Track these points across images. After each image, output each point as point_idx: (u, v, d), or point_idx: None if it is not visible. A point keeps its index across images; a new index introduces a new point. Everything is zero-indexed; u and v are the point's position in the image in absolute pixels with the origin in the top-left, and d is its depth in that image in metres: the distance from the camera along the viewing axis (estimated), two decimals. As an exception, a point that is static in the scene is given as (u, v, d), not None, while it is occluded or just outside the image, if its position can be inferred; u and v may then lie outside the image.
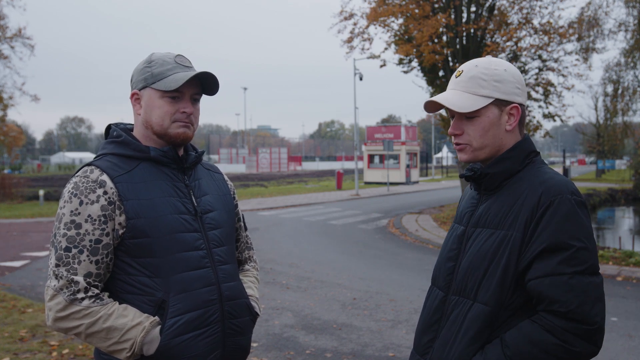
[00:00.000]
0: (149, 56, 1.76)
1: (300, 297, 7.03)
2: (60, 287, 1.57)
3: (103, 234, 1.60)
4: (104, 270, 1.62)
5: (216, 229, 1.77)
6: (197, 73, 1.70)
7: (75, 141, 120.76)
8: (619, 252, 9.96)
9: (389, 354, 4.97)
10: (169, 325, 1.62)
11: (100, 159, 1.70)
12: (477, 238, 1.58)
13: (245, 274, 2.02)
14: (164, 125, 1.71)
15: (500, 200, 1.57)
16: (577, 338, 1.40)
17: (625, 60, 24.67)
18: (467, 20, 15.87)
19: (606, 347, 5.16)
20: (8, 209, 19.26)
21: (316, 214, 16.93)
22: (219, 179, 1.93)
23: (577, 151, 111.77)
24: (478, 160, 1.64)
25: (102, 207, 1.60)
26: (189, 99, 1.74)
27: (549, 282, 1.42)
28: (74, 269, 1.57)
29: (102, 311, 1.58)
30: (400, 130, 33.83)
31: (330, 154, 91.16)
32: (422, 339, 1.66)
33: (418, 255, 10.27)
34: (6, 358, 4.58)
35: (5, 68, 22.91)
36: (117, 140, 1.73)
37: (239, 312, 1.79)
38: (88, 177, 1.63)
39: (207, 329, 1.68)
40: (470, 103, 1.58)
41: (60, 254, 1.58)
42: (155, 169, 1.71)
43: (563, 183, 1.50)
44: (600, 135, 36.56)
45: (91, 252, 1.59)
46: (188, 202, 1.73)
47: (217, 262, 1.75)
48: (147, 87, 1.71)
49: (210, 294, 1.70)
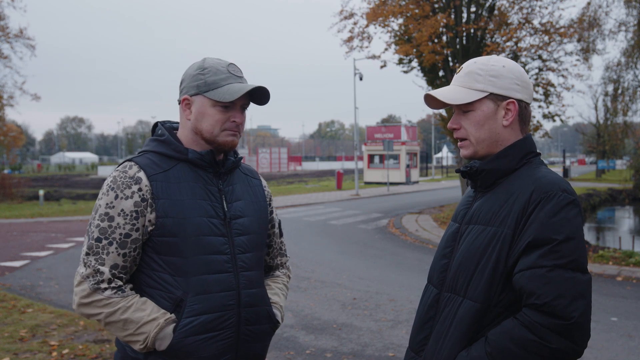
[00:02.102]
0: (201, 62, 1.79)
1: (300, 297, 7.03)
2: (87, 275, 1.64)
3: (133, 229, 1.66)
4: (130, 264, 1.68)
5: (244, 235, 1.79)
6: (253, 87, 1.74)
7: (75, 141, 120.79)
8: (619, 252, 9.96)
9: (389, 354, 4.97)
10: (183, 325, 1.66)
11: (142, 156, 1.76)
12: (469, 235, 1.58)
13: (274, 280, 2.03)
14: (214, 132, 1.75)
15: (494, 198, 1.57)
16: (553, 334, 1.37)
17: (626, 60, 24.65)
18: (467, 20, 15.87)
19: (606, 347, 5.17)
20: (8, 209, 19.26)
21: (316, 214, 16.93)
22: (256, 185, 1.95)
23: (577, 151, 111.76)
24: (478, 156, 1.64)
25: (135, 203, 1.66)
26: (239, 109, 1.78)
27: (528, 275, 1.41)
28: (102, 259, 1.64)
29: (122, 303, 1.63)
30: (400, 130, 33.83)
31: (330, 154, 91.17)
32: (417, 336, 1.67)
33: (418, 255, 10.27)
34: (6, 358, 4.58)
35: (5, 68, 22.93)
36: (159, 139, 1.79)
37: (257, 319, 1.79)
38: (126, 173, 1.69)
39: (220, 332, 1.70)
40: (463, 96, 1.59)
41: (91, 243, 1.65)
42: (191, 170, 1.76)
43: (556, 181, 1.49)
44: (600, 135, 36.54)
45: (120, 245, 1.65)
46: (218, 207, 1.76)
47: (241, 267, 1.76)
48: (199, 95, 1.75)
49: (228, 299, 1.72)
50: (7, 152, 28.40)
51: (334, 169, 58.96)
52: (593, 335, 5.50)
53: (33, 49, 23.12)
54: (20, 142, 33.89)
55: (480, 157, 1.64)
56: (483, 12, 15.88)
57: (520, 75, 1.60)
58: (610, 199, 26.67)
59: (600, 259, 9.52)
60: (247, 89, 1.72)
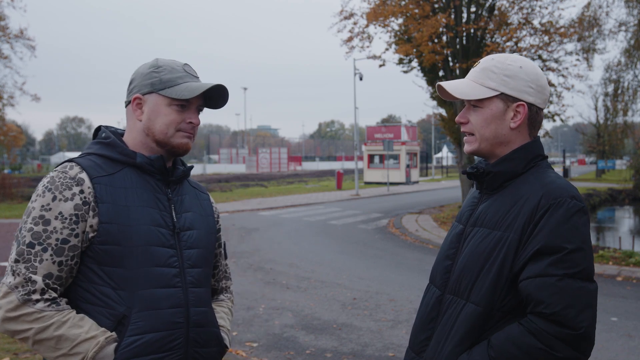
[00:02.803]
0: (154, 61, 1.70)
1: (300, 297, 7.03)
2: (15, 284, 1.45)
3: (72, 234, 1.50)
4: (66, 274, 1.51)
5: (193, 249, 1.66)
6: (214, 85, 1.66)
7: (75, 141, 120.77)
8: (619, 252, 9.96)
9: (389, 354, 4.97)
10: (126, 344, 1.49)
11: (84, 157, 1.62)
12: (474, 238, 1.57)
13: (219, 304, 1.88)
14: (168, 133, 1.64)
15: (500, 201, 1.55)
16: (560, 343, 1.37)
17: (626, 60, 24.65)
18: (467, 20, 15.87)
19: (606, 347, 5.17)
20: (8, 209, 19.26)
21: (316, 214, 16.93)
22: (205, 199, 1.83)
23: (577, 151, 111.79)
24: (481, 153, 1.62)
25: (75, 206, 1.50)
26: (195, 110, 1.69)
27: (537, 283, 1.40)
28: (34, 267, 1.46)
29: (56, 317, 1.45)
30: (400, 130, 33.84)
31: (330, 154, 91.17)
32: (418, 336, 1.66)
33: (418, 255, 10.27)
34: (6, 358, 4.58)
35: (5, 68, 22.94)
36: (104, 142, 1.65)
37: (206, 340, 1.65)
38: (66, 173, 1.54)
39: (168, 354, 1.55)
40: (473, 91, 1.58)
41: (22, 249, 1.47)
42: (138, 176, 1.63)
43: (564, 187, 1.48)
44: (600, 135, 36.53)
45: (56, 252, 1.48)
46: (167, 216, 1.63)
47: (189, 283, 1.62)
48: (153, 93, 1.64)
49: (176, 316, 1.57)
50: (8, 152, 28.40)
51: (334, 169, 58.97)
52: (593, 335, 5.51)
53: (33, 49, 23.13)
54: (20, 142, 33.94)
55: (483, 155, 1.63)
56: (483, 12, 15.89)
57: (537, 78, 1.57)
58: (610, 199, 26.66)
59: (600, 259, 9.52)
60: (207, 86, 1.63)
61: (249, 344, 5.22)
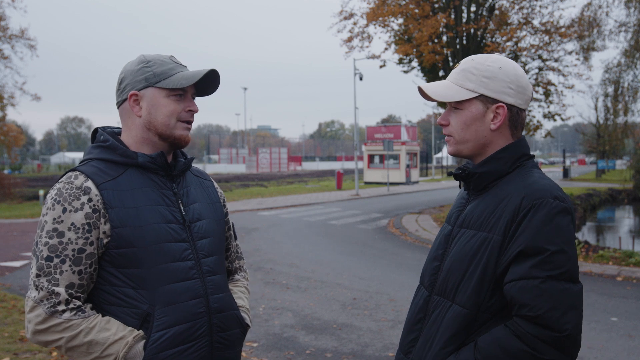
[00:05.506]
0: (140, 57, 1.71)
1: (300, 297, 7.03)
2: (40, 298, 1.50)
3: (87, 243, 1.54)
4: (87, 281, 1.56)
5: (205, 238, 1.71)
6: (209, 70, 1.68)
7: (75, 141, 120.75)
8: (619, 252, 9.96)
9: (388, 354, 4.97)
10: (153, 340, 1.55)
11: (86, 164, 1.64)
12: (461, 239, 1.56)
13: (235, 284, 1.94)
14: (170, 124, 1.66)
15: (486, 202, 1.55)
16: (545, 345, 1.36)
17: (626, 60, 24.65)
18: (467, 20, 15.88)
19: (606, 347, 5.17)
20: (8, 209, 19.25)
21: (316, 214, 16.92)
22: (209, 186, 1.87)
23: (577, 151, 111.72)
24: (462, 154, 1.62)
25: (86, 215, 1.54)
26: (192, 98, 1.72)
27: (521, 285, 1.39)
28: (56, 279, 1.51)
29: (84, 324, 1.51)
30: (400, 130, 33.83)
31: (330, 154, 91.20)
32: (406, 337, 1.65)
33: (418, 255, 10.27)
34: (6, 358, 4.58)
35: (5, 68, 22.94)
36: (103, 145, 1.66)
37: (228, 324, 1.71)
38: (72, 184, 1.57)
39: (194, 343, 1.61)
40: (451, 93, 1.57)
41: (41, 263, 1.51)
42: (142, 175, 1.65)
43: (547, 187, 1.46)
44: (600, 135, 36.53)
45: (74, 262, 1.52)
46: (176, 211, 1.67)
47: (206, 272, 1.68)
48: (149, 87, 1.66)
49: (197, 307, 1.63)
50: (8, 152, 28.38)
51: (334, 169, 58.99)
52: (593, 335, 5.50)
53: (34, 49, 23.14)
54: (20, 142, 33.89)
55: (466, 156, 1.63)
56: (483, 12, 15.90)
57: (517, 79, 1.54)
58: (610, 199, 26.68)
59: (600, 259, 9.52)
60: (203, 72, 1.66)
61: (249, 344, 5.22)
